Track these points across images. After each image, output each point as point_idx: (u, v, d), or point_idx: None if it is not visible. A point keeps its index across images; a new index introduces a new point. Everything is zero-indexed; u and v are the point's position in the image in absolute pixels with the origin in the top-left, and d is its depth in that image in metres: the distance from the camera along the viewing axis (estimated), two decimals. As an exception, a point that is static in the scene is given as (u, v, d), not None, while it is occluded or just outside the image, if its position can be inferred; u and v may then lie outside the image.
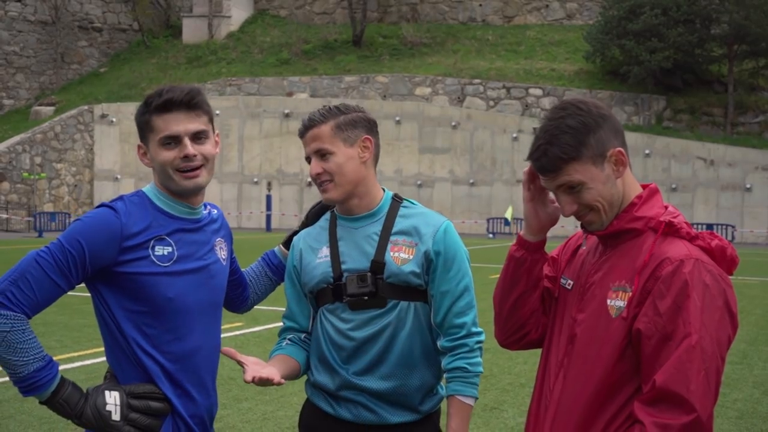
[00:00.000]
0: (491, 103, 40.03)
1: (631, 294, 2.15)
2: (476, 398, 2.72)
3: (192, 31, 47.81)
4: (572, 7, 46.44)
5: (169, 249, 2.54)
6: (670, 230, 2.19)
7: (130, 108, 37.69)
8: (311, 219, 2.96)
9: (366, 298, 2.69)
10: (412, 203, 2.86)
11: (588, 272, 2.30)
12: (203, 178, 2.57)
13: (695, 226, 35.29)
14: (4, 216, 35.93)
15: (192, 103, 2.53)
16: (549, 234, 2.41)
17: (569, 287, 2.36)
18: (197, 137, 2.54)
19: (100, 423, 2.40)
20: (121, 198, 2.56)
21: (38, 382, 2.35)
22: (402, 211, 2.80)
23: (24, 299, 2.37)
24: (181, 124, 2.51)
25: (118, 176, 40.03)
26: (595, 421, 2.18)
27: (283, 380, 2.53)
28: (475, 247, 30.45)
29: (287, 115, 40.16)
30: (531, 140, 2.32)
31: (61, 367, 2.46)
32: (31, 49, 45.26)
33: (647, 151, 36.91)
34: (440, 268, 2.71)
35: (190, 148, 2.52)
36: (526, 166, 2.33)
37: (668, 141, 37.03)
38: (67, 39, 46.03)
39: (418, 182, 39.50)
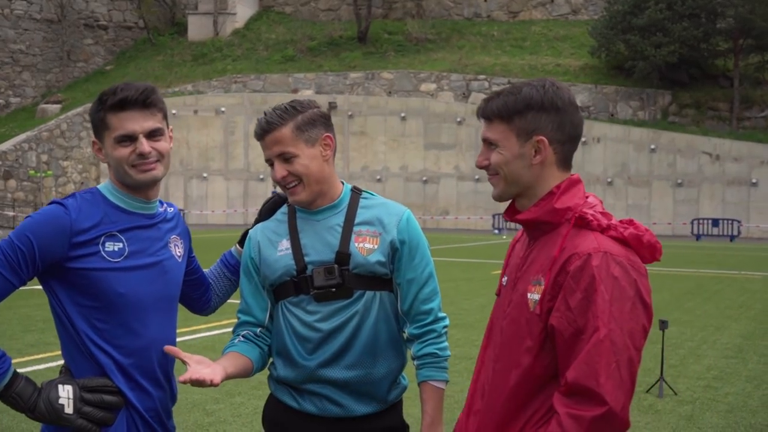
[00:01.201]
0: (496, 98, 39.97)
1: (543, 287, 2.17)
2: (447, 381, 2.76)
3: (197, 28, 47.92)
4: (577, 3, 46.37)
5: (120, 245, 2.55)
6: (582, 223, 2.19)
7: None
8: (265, 214, 2.95)
9: (333, 290, 2.70)
10: (372, 194, 2.87)
11: (518, 266, 2.33)
12: (159, 171, 2.60)
13: (701, 221, 35.35)
14: (11, 213, 36.09)
15: (147, 102, 2.54)
16: None
17: (505, 283, 2.38)
18: (152, 135, 2.57)
19: (53, 416, 2.42)
20: (73, 195, 2.59)
21: None
22: (363, 202, 2.81)
23: None
24: (137, 122, 2.53)
25: (124, 174, 40.08)
26: (518, 413, 2.20)
27: (218, 382, 2.49)
28: (481, 243, 30.47)
29: (292, 112, 40.14)
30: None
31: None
32: (37, 48, 45.42)
33: (652, 146, 36.83)
34: (405, 256, 2.74)
35: (146, 146, 2.54)
36: None
37: (673, 136, 36.95)
38: (72, 37, 46.18)
39: (424, 178, 39.50)
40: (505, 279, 2.39)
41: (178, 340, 2.77)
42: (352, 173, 40.28)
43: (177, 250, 2.76)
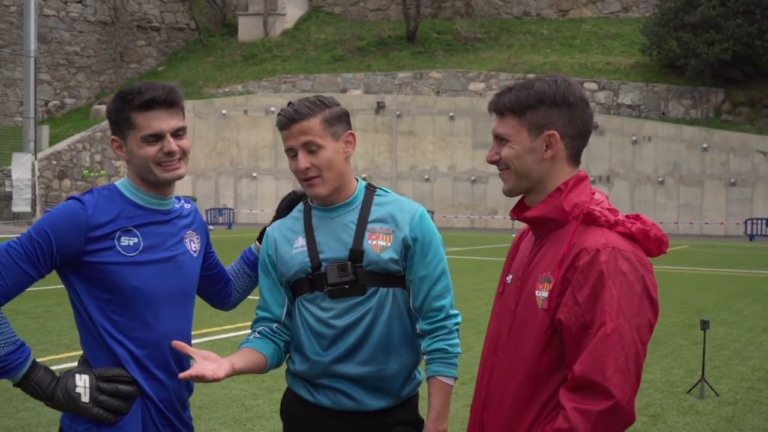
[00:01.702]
0: (545, 97, 39.69)
1: (552, 284, 2.18)
2: (456, 378, 2.78)
3: (247, 29, 48.37)
4: (628, 0, 45.83)
5: (135, 240, 2.63)
6: (590, 219, 2.21)
7: (188, 106, 38.23)
8: (282, 211, 2.99)
9: (347, 286, 2.73)
10: (386, 191, 2.89)
11: (524, 265, 2.34)
12: (182, 170, 2.70)
13: (754, 221, 34.71)
14: (65, 212, 36.78)
15: (172, 101, 2.64)
16: None
17: (509, 281, 2.40)
18: (177, 133, 2.66)
19: (70, 405, 2.51)
20: (91, 191, 2.68)
21: (10, 365, 2.47)
22: (377, 199, 2.84)
23: None
24: (164, 121, 2.62)
25: (176, 173, 40.58)
26: (525, 410, 2.22)
27: (221, 376, 2.52)
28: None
29: (341, 112, 40.33)
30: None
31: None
32: (92, 49, 46.25)
33: (705, 145, 36.28)
34: (418, 253, 2.76)
35: (173, 144, 2.63)
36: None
37: (727, 134, 36.34)
38: (126, 39, 46.94)
39: (472, 178, 39.39)
40: (509, 278, 2.40)
41: (222, 336, 2.84)
42: (400, 173, 40.33)
43: (192, 245, 2.83)
